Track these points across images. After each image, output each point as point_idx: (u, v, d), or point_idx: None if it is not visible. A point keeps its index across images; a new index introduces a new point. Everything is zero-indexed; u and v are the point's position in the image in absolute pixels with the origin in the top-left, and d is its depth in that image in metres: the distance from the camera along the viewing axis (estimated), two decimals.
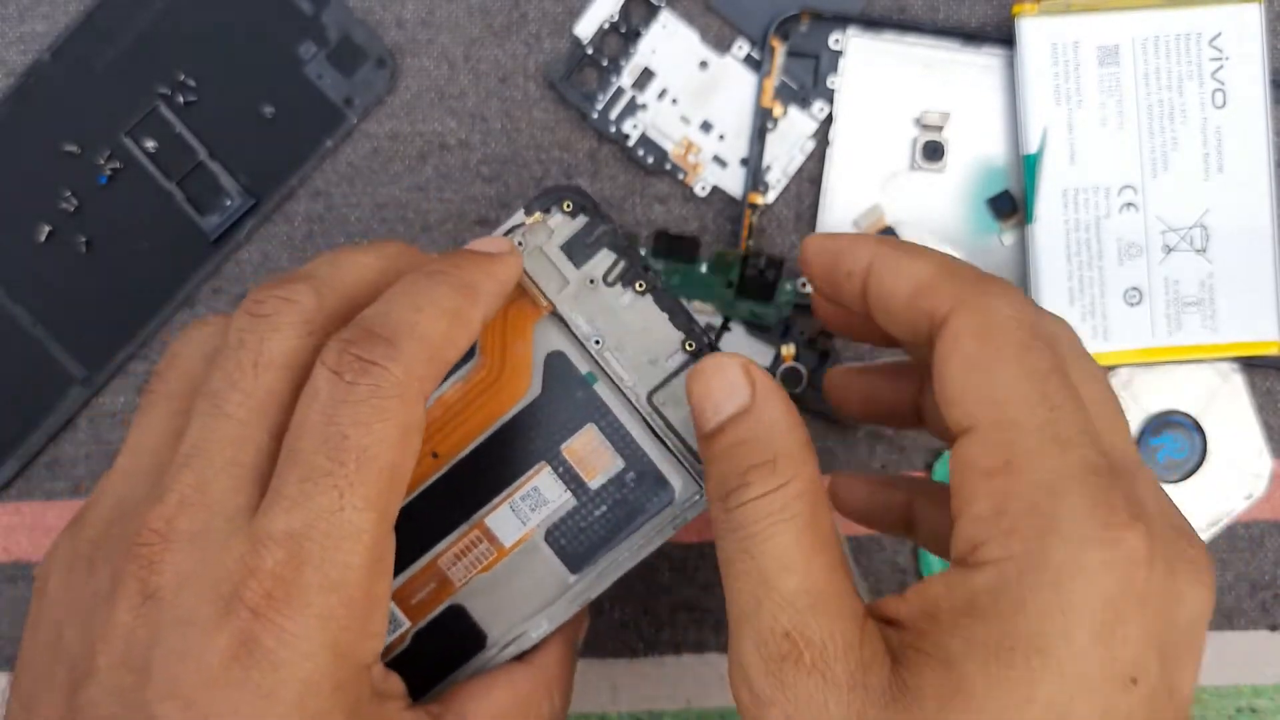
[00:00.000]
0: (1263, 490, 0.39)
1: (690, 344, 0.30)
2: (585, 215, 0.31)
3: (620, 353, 0.31)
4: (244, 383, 0.26)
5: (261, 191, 0.39)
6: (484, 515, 0.31)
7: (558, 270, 0.31)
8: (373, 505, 0.25)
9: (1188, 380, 0.39)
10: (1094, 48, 0.38)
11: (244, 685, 0.24)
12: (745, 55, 0.39)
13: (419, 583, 0.31)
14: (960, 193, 0.39)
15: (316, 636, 0.25)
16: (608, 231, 0.31)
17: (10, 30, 0.39)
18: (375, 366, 0.25)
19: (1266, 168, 0.38)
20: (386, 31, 0.39)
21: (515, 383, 0.31)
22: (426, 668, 0.31)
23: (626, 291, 0.31)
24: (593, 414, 0.31)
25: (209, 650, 0.24)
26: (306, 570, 0.25)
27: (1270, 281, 0.38)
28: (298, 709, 0.25)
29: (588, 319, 0.31)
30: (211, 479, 0.26)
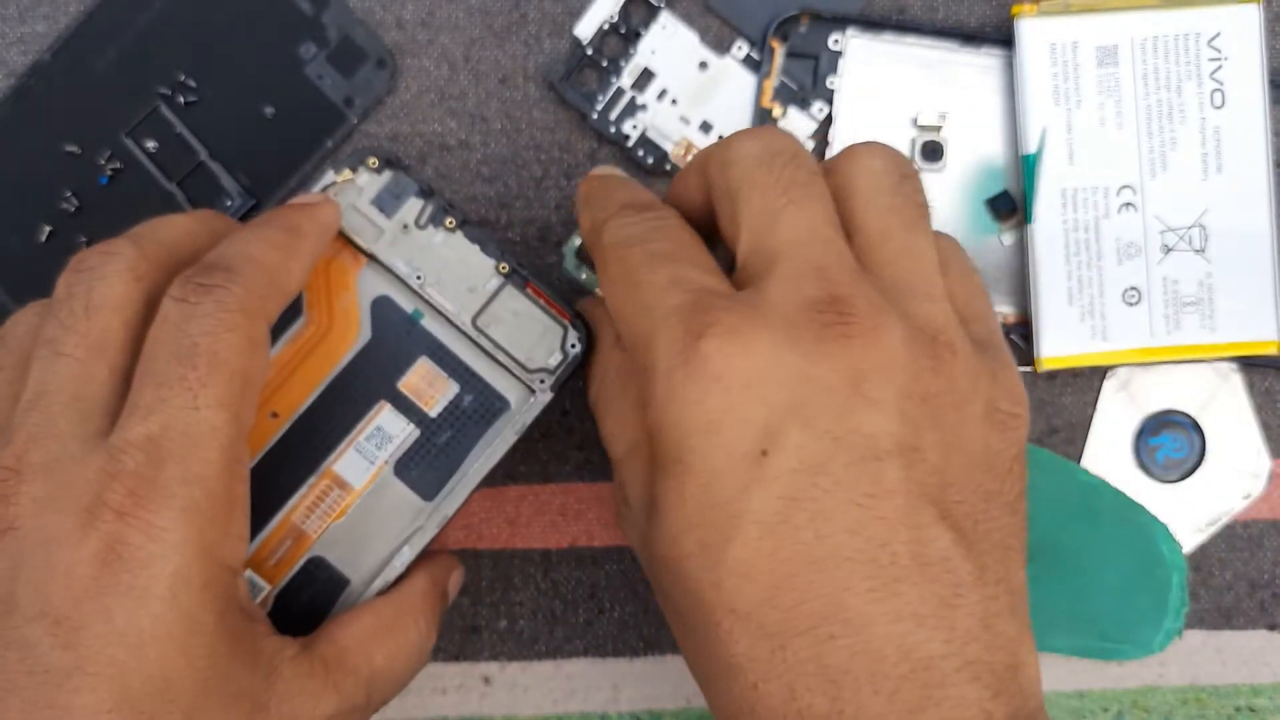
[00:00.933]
0: (1261, 490, 0.39)
1: (503, 267, 0.33)
2: (390, 170, 0.33)
3: (441, 286, 0.33)
4: (78, 325, 0.27)
5: (262, 192, 0.39)
6: (331, 463, 0.32)
7: (371, 222, 0.33)
8: (225, 405, 0.26)
9: (1186, 380, 0.39)
10: (1093, 48, 0.38)
11: (114, 589, 0.24)
12: (745, 56, 0.39)
13: (274, 542, 0.32)
14: (959, 193, 0.39)
15: (181, 529, 0.25)
16: (410, 182, 0.33)
17: (11, 31, 0.39)
18: (218, 288, 0.27)
19: (1265, 168, 0.38)
20: (387, 32, 0.40)
21: (345, 332, 0.33)
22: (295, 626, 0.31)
23: (438, 231, 0.33)
24: (423, 347, 0.33)
25: (76, 562, 0.25)
26: (168, 466, 0.25)
27: (1269, 281, 0.38)
28: (170, 605, 0.25)
29: (406, 260, 0.33)
30: (58, 414, 0.26)
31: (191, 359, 0.26)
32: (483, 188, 0.40)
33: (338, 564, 0.32)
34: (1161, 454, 0.39)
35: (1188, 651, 0.39)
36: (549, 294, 0.33)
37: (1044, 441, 0.40)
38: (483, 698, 0.39)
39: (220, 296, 0.27)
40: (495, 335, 0.33)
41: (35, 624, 0.24)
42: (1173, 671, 0.39)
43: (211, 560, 0.26)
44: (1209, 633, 0.40)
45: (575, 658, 0.39)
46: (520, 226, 0.39)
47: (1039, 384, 0.40)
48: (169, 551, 0.25)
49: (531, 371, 0.33)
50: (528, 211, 0.40)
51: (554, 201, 0.40)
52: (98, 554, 0.25)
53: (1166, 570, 0.38)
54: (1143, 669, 0.39)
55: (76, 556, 0.25)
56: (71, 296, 0.28)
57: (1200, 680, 0.39)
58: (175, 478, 0.25)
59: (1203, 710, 0.39)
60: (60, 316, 0.28)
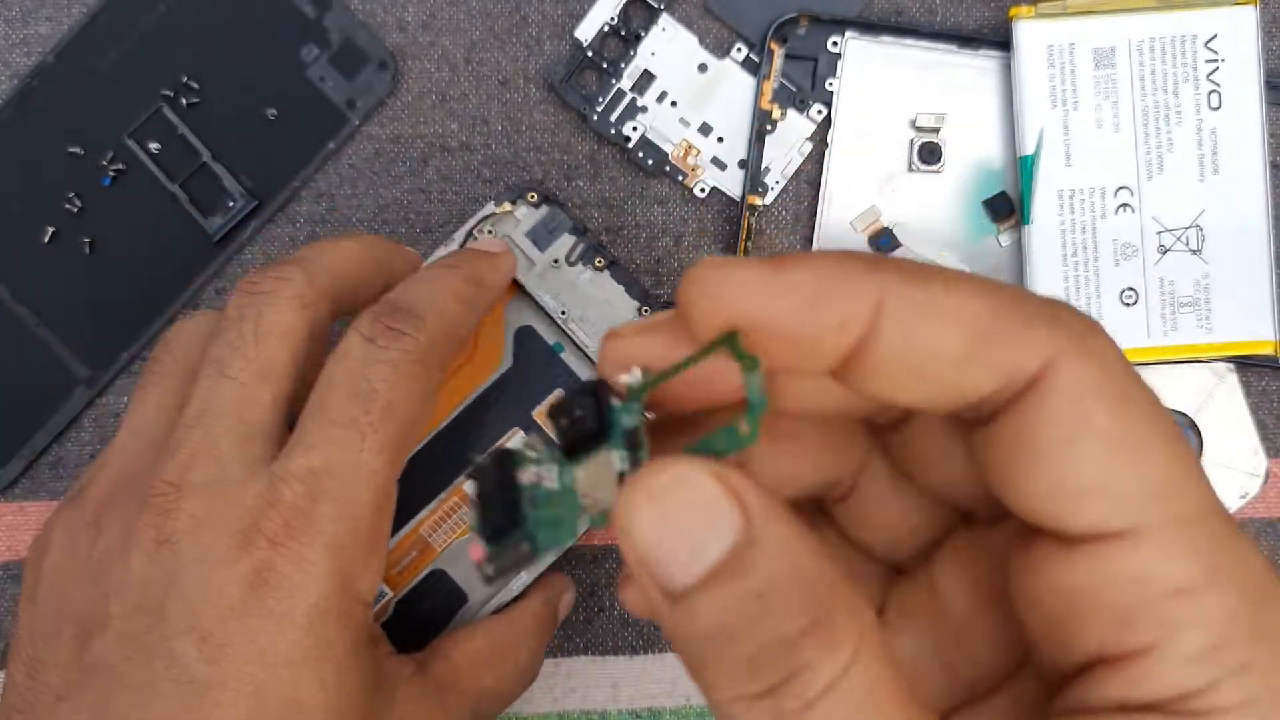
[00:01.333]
0: (1258, 489, 0.39)
1: (645, 310, 0.35)
2: (548, 205, 0.35)
3: (583, 322, 0.35)
4: (246, 349, 0.28)
5: (264, 193, 0.39)
6: (462, 481, 0.34)
7: (524, 255, 0.35)
8: (387, 451, 0.27)
9: (1183, 380, 0.40)
10: (1090, 50, 0.38)
11: (259, 612, 0.26)
12: (744, 58, 0.40)
13: (401, 551, 0.34)
14: (957, 194, 0.39)
15: (326, 562, 0.26)
16: (566, 219, 0.35)
17: (14, 33, 0.40)
18: (404, 335, 0.28)
19: (1261, 169, 0.38)
20: (388, 34, 0.40)
21: (489, 357, 0.35)
22: (412, 634, 0.33)
23: (586, 269, 0.35)
24: (561, 379, 0.35)
25: (227, 582, 0.26)
26: (323, 502, 0.27)
27: (1265, 282, 0.38)
28: (307, 632, 0.26)
29: (553, 295, 0.35)
30: (221, 435, 0.27)
31: (368, 403, 0.27)
32: (484, 189, 0.40)
33: (458, 579, 0.34)
34: None
35: None
36: None
37: None
38: None
39: (407, 345, 0.28)
40: None
41: (184, 637, 0.26)
42: None
43: (349, 594, 0.27)
44: None
45: (575, 656, 0.39)
46: None
47: None
48: (312, 583, 0.26)
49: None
50: None
51: None
52: (247, 577, 0.26)
53: None
54: None
55: (228, 577, 0.26)
56: (242, 319, 0.28)
57: None
58: (328, 514, 0.26)
59: None
60: (229, 338, 0.28)
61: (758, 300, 0.16)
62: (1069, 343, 0.16)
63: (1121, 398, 0.16)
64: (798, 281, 0.16)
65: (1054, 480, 0.16)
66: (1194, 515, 0.16)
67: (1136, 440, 0.16)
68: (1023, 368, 0.16)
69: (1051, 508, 0.16)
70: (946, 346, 0.16)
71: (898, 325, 0.16)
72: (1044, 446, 0.16)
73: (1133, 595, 0.16)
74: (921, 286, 0.16)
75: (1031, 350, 0.16)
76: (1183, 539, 0.16)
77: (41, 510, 0.40)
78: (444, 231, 0.40)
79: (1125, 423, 0.16)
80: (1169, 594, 0.16)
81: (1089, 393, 0.16)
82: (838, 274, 0.16)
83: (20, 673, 0.27)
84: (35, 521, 0.40)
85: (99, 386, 0.39)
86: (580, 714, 0.39)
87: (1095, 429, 0.16)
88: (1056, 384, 0.16)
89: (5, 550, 0.40)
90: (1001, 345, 0.16)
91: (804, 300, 0.16)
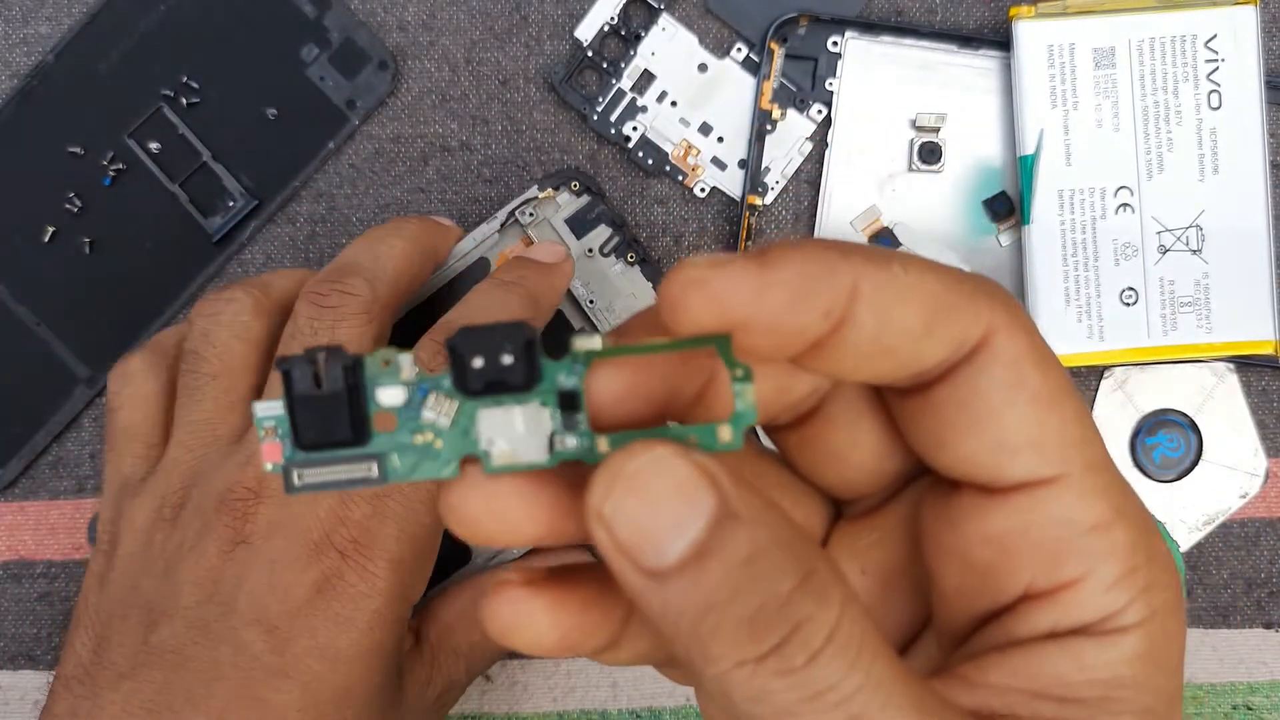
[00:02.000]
0: (1258, 489, 0.39)
1: None
2: (589, 195, 0.37)
3: (610, 312, 0.36)
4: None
5: (264, 193, 0.39)
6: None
7: (561, 239, 0.37)
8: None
9: (1183, 380, 0.40)
10: (1090, 50, 0.38)
11: (324, 613, 0.29)
12: (744, 58, 0.40)
13: None
14: (957, 194, 0.39)
15: (389, 576, 0.29)
16: (606, 211, 0.36)
17: (14, 32, 0.40)
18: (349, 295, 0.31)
19: (1261, 169, 0.38)
20: (388, 34, 0.40)
21: None
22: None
23: (619, 262, 0.37)
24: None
25: (297, 584, 0.29)
26: (389, 523, 0.29)
27: (1265, 281, 0.38)
28: (366, 634, 0.29)
29: (584, 282, 0.36)
30: None
31: None
32: (484, 189, 0.40)
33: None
34: (1158, 453, 0.40)
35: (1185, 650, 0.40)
36: None
37: None
38: (483, 695, 0.39)
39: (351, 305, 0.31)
40: None
41: (252, 628, 0.28)
42: None
43: (404, 601, 0.30)
44: (1206, 631, 0.40)
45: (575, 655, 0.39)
46: None
47: None
48: (375, 594, 0.29)
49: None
50: None
51: None
52: (316, 582, 0.29)
53: None
54: None
55: (298, 580, 0.29)
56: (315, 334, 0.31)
57: (1197, 678, 0.40)
58: (393, 535, 0.29)
59: (1199, 708, 0.40)
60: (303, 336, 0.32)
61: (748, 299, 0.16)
62: (1004, 313, 0.18)
63: (1044, 361, 0.18)
64: (784, 279, 0.17)
65: (994, 435, 0.18)
66: (1099, 462, 0.18)
67: (1058, 397, 0.18)
68: (969, 336, 0.18)
69: (990, 460, 0.18)
70: (912, 323, 0.17)
71: (871, 309, 0.17)
72: (986, 406, 0.18)
73: (1060, 534, 0.18)
74: (885, 269, 0.17)
75: (976, 320, 0.18)
76: (1095, 483, 0.18)
77: (41, 509, 0.40)
78: None
79: (1049, 383, 0.18)
80: (1088, 530, 0.18)
81: (1023, 358, 0.18)
82: (817, 266, 0.17)
83: (86, 648, 0.29)
84: (35, 521, 0.40)
85: (99, 386, 0.39)
86: (580, 714, 0.39)
87: (1029, 389, 0.18)
88: (995, 350, 0.18)
89: (5, 550, 0.40)
90: (954, 317, 0.18)
91: (792, 295, 0.17)
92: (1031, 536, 0.18)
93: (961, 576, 0.19)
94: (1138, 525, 0.18)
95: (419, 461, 0.17)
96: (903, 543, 0.20)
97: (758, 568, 0.16)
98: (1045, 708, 0.18)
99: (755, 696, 0.16)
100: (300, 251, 0.40)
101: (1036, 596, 0.18)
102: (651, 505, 0.16)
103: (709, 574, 0.16)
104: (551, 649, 0.18)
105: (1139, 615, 0.18)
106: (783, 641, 0.15)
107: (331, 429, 0.16)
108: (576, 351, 0.17)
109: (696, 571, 0.16)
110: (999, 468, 0.18)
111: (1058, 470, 0.18)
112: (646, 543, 0.16)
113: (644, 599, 0.16)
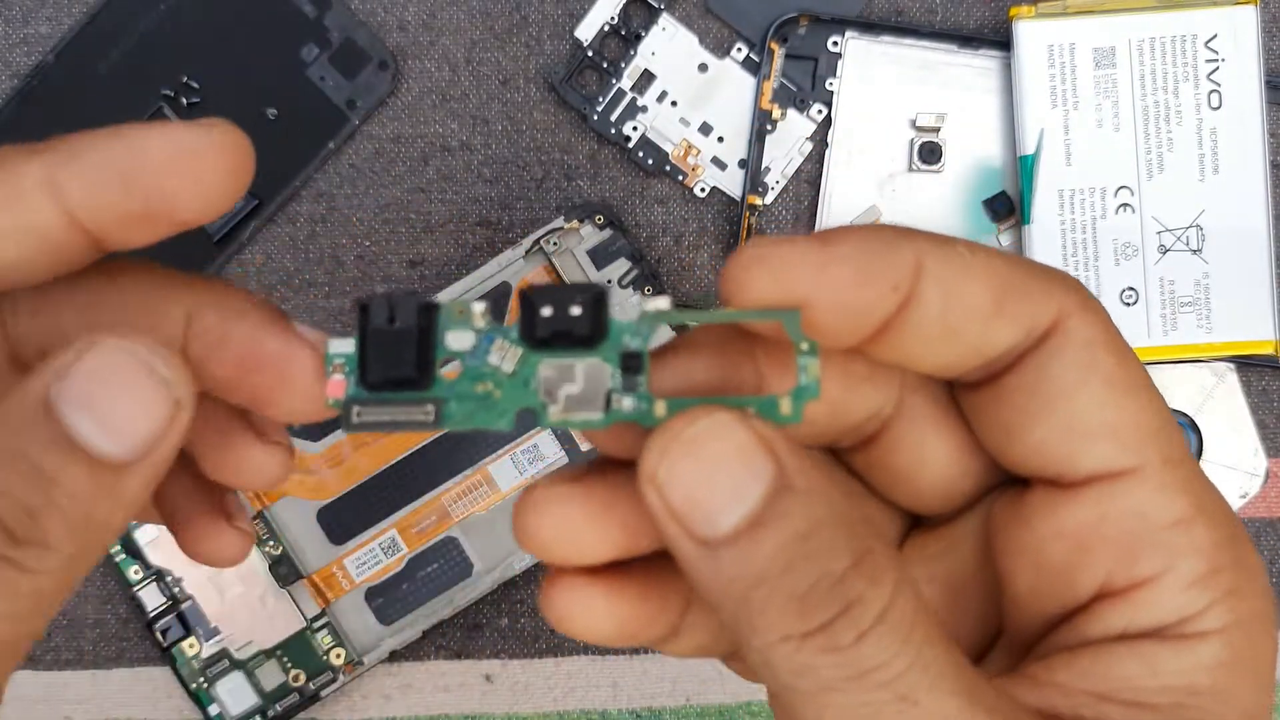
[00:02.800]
0: (1257, 489, 0.39)
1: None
2: (611, 229, 0.38)
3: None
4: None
5: (265, 193, 0.39)
6: (487, 463, 0.38)
7: (582, 270, 0.38)
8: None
9: (1183, 379, 0.40)
10: (1090, 50, 0.38)
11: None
12: (744, 58, 0.40)
13: (422, 514, 0.38)
14: (957, 194, 0.39)
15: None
16: (626, 245, 0.38)
17: (14, 32, 0.40)
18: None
19: (1262, 168, 0.38)
20: (389, 34, 0.40)
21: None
22: (416, 588, 0.38)
23: (635, 294, 0.38)
24: None
25: None
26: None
27: (1265, 281, 0.38)
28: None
29: None
30: None
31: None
32: (484, 189, 0.40)
33: (469, 550, 0.38)
34: None
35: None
36: None
37: None
38: (484, 695, 0.39)
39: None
40: None
41: None
42: None
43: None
44: None
45: (575, 655, 0.39)
46: (522, 227, 0.40)
47: None
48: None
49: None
50: (529, 213, 0.40)
51: (555, 202, 0.40)
52: None
53: None
54: None
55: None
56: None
57: None
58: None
59: None
60: None
61: (812, 274, 0.16)
62: (1076, 297, 0.17)
63: (1120, 348, 0.17)
64: (847, 254, 0.16)
65: (1066, 419, 0.17)
66: (1179, 456, 0.17)
67: (1134, 385, 0.17)
68: (1040, 319, 0.17)
69: (1063, 448, 0.17)
70: (980, 301, 0.17)
71: (937, 286, 0.16)
72: (1060, 389, 0.17)
73: (1137, 528, 0.17)
74: (951, 249, 0.17)
75: (1046, 302, 0.17)
76: (1175, 476, 0.17)
77: None
78: (445, 231, 0.40)
79: (1125, 369, 0.17)
80: (1168, 526, 0.17)
81: (1097, 342, 0.17)
82: (880, 242, 0.16)
83: None
84: None
85: None
86: (580, 714, 0.39)
87: (1103, 373, 0.17)
88: (1068, 334, 0.17)
89: None
90: (1023, 298, 0.17)
91: (856, 271, 0.16)
92: (1107, 531, 0.17)
93: (1034, 577, 0.18)
94: (1223, 526, 0.17)
95: (475, 411, 0.17)
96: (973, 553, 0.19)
97: (812, 544, 0.15)
98: (1113, 711, 0.17)
99: (799, 671, 0.15)
100: (300, 251, 0.40)
101: (1111, 595, 0.17)
102: (708, 471, 0.15)
103: (762, 545, 0.15)
104: (609, 638, 0.18)
105: (1221, 621, 0.17)
106: (833, 619, 0.15)
107: (398, 365, 0.16)
108: (645, 313, 0.17)
109: (750, 542, 0.15)
110: (1072, 457, 0.17)
111: (1134, 461, 0.17)
112: (700, 509, 0.15)
113: (694, 567, 0.16)
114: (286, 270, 0.40)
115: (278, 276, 0.40)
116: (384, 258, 0.40)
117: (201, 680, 0.38)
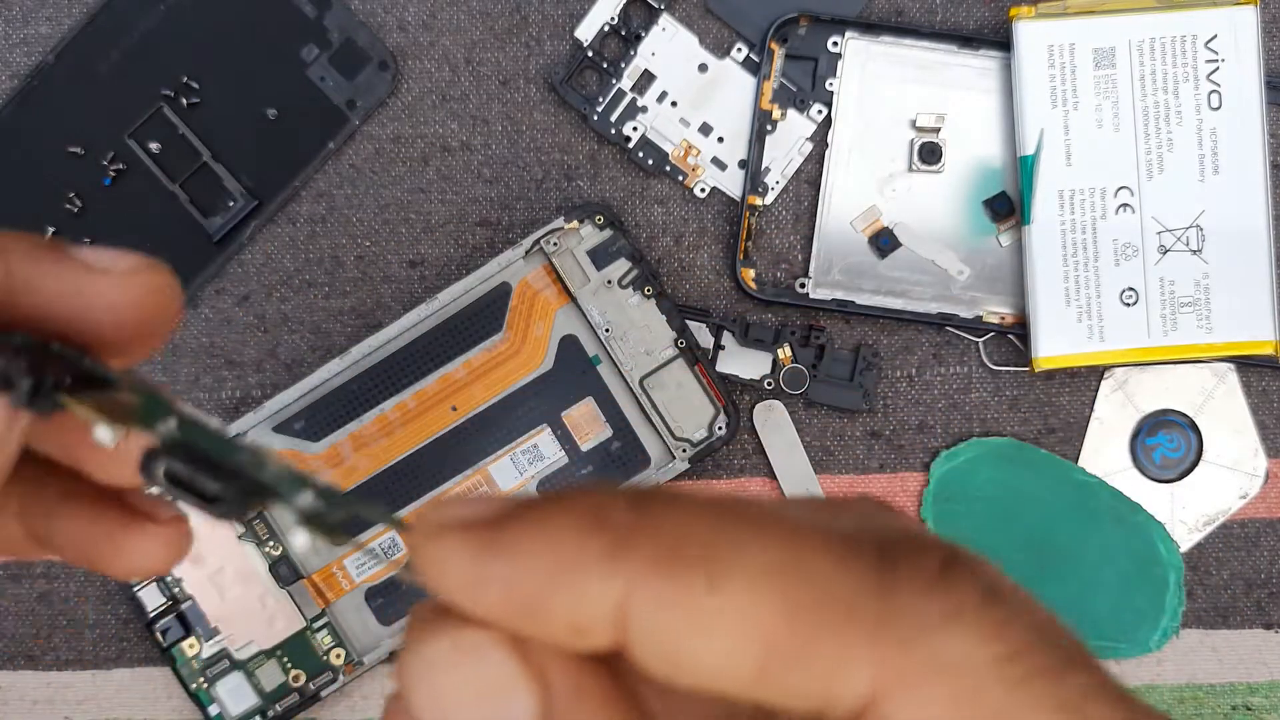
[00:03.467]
0: (1258, 489, 0.39)
1: (681, 342, 0.38)
2: (611, 229, 0.38)
3: (623, 342, 0.38)
4: None
5: (265, 193, 0.39)
6: (488, 464, 0.38)
7: (582, 270, 0.38)
8: None
9: (1183, 380, 0.40)
10: (1090, 50, 0.38)
11: None
12: (744, 58, 0.40)
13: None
14: (957, 194, 0.39)
15: None
16: (626, 245, 0.38)
17: (14, 32, 0.40)
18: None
19: (1262, 169, 0.38)
20: (389, 34, 0.40)
21: (531, 356, 0.38)
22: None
23: (635, 294, 0.38)
24: (592, 389, 0.38)
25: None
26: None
27: (1265, 282, 0.38)
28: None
29: (600, 311, 0.38)
30: None
31: None
32: (484, 189, 0.40)
33: None
34: (1158, 454, 0.40)
35: (1185, 650, 0.40)
36: (713, 378, 0.38)
37: (1040, 441, 0.40)
38: None
39: None
40: (656, 398, 0.38)
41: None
42: (1170, 670, 0.40)
43: None
44: (1206, 631, 0.40)
45: None
46: (522, 228, 0.40)
47: (1036, 384, 0.40)
48: None
49: (677, 439, 0.38)
50: (529, 213, 0.40)
51: (555, 202, 0.40)
52: None
53: (1163, 569, 0.39)
54: (1140, 668, 0.40)
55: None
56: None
57: (1197, 679, 0.40)
58: None
59: (1199, 709, 0.40)
60: None
61: (465, 586, 0.12)
62: (902, 657, 0.11)
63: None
64: (503, 575, 0.12)
65: None
66: None
67: None
68: (843, 694, 0.12)
69: None
70: (723, 664, 0.12)
71: (650, 638, 0.12)
72: None
73: None
74: (678, 581, 0.12)
75: (848, 672, 0.11)
76: None
77: None
78: (445, 231, 0.40)
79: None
80: None
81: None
82: (565, 565, 0.12)
83: None
84: None
85: None
86: None
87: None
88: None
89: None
90: (805, 665, 0.11)
91: (513, 599, 0.12)
92: None
93: None
94: None
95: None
96: None
97: None
98: None
99: None
100: (300, 251, 0.40)
101: None
102: (453, 702, 0.12)
103: None
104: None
105: None
106: None
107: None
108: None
109: None
110: None
111: None
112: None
113: None
114: (286, 270, 0.40)
115: (278, 276, 0.40)
116: (384, 258, 0.40)
117: (201, 680, 0.38)
